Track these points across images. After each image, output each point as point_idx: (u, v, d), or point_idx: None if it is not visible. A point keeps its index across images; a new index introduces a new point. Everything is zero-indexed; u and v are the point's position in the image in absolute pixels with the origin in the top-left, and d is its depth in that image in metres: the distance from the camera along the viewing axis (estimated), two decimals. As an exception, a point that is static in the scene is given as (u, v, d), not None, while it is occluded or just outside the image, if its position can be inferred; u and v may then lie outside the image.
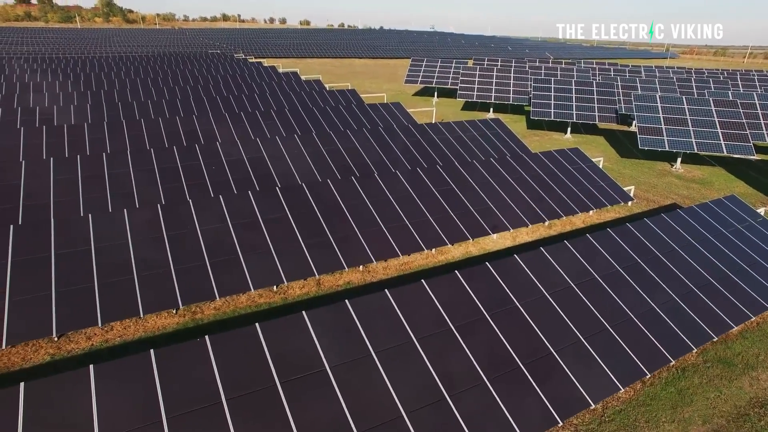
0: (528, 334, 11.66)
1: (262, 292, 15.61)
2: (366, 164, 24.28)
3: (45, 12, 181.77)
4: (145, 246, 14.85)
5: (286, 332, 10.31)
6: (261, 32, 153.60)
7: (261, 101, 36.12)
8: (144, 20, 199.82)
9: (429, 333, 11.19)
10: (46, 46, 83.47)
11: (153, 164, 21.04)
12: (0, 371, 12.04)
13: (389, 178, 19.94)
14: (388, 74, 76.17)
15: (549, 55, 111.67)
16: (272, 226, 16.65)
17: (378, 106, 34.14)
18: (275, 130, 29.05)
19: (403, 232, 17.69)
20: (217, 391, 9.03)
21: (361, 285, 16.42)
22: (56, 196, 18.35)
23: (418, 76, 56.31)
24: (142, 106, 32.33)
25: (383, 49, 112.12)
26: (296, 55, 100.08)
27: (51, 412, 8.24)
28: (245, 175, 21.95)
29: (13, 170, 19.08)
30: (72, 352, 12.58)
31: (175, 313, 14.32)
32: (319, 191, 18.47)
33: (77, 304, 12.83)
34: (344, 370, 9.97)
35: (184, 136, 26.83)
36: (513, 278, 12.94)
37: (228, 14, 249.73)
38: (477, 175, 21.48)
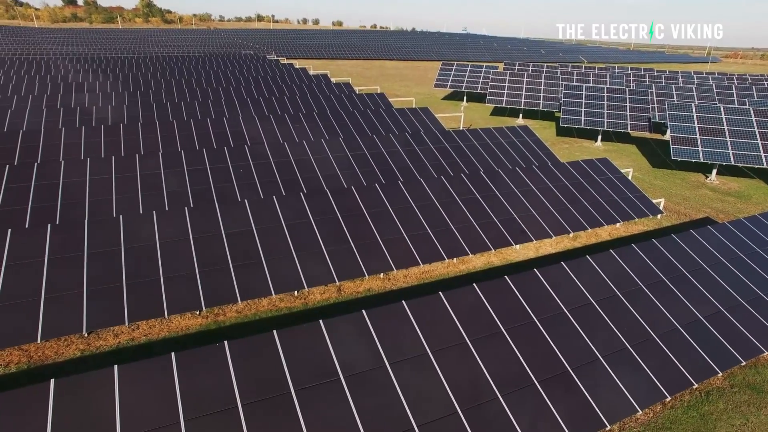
0: (544, 351, 11.56)
1: (283, 296, 15.88)
2: (391, 170, 24.38)
3: (90, 13, 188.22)
4: (171, 248, 15.31)
5: (302, 340, 10.49)
6: (294, 33, 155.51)
7: (290, 104, 36.64)
8: (181, 21, 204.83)
9: (444, 346, 11.21)
10: (90, 47, 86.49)
11: (183, 166, 21.63)
12: (35, 363, 12.64)
13: (413, 186, 20.00)
14: (418, 77, 76.14)
15: (583, 60, 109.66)
16: (295, 231, 16.92)
17: (406, 110, 34.21)
18: (303, 133, 29.44)
19: (425, 241, 17.72)
20: (234, 396, 9.27)
21: (381, 292, 16.53)
22: (91, 195, 19.06)
23: (447, 80, 56.14)
24: (175, 106, 33.23)
25: (414, 51, 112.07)
26: (328, 56, 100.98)
27: (77, 408, 8.61)
28: (271, 178, 22.34)
29: (54, 169, 19.91)
30: (100, 348, 13.09)
31: (199, 315, 14.71)
32: (342, 197, 18.66)
33: (106, 303, 13.34)
34: (359, 380, 10.09)
35: (214, 137, 27.45)
36: (532, 293, 12.84)
37: (262, 15, 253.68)
38: (502, 185, 21.33)
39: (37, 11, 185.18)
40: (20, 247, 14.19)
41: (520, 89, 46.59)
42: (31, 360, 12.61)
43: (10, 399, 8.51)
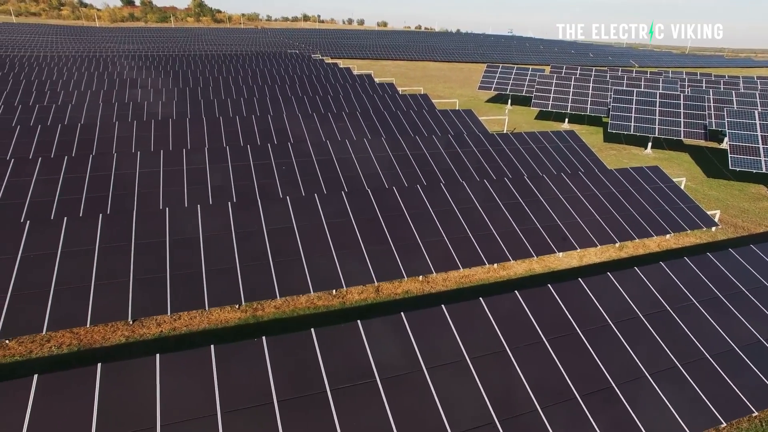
0: (588, 365, 11.14)
1: (321, 294, 15.96)
2: (433, 172, 24.18)
3: (145, 13, 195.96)
4: (214, 241, 15.62)
5: (340, 340, 10.47)
6: (339, 33, 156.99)
7: (334, 103, 36.92)
8: (230, 20, 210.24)
9: (483, 353, 10.96)
10: (144, 45, 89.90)
11: (227, 161, 22.08)
12: (84, 346, 13.16)
13: (455, 189, 19.75)
14: (462, 79, 75.46)
15: (634, 64, 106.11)
16: (335, 230, 16.97)
17: (449, 112, 33.89)
18: (346, 132, 29.60)
19: (466, 245, 17.45)
20: (270, 391, 9.33)
21: (420, 295, 16.38)
22: (140, 188, 19.72)
23: (492, 83, 55.37)
24: (222, 103, 34.04)
25: (458, 52, 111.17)
26: (372, 56, 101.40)
27: (121, 393, 8.87)
28: (313, 176, 22.53)
29: (107, 161, 20.71)
30: (144, 336, 13.49)
31: (238, 309, 14.95)
32: (383, 197, 18.61)
33: (150, 292, 13.73)
34: (394, 383, 9.99)
35: (258, 134, 27.95)
36: (576, 303, 12.41)
37: (308, 15, 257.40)
38: (546, 190, 20.79)
39: (99, 12, 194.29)
40: (74, 234, 14.80)
41: (567, 93, 45.44)
42: (81, 343, 13.13)
43: (61, 379, 8.85)
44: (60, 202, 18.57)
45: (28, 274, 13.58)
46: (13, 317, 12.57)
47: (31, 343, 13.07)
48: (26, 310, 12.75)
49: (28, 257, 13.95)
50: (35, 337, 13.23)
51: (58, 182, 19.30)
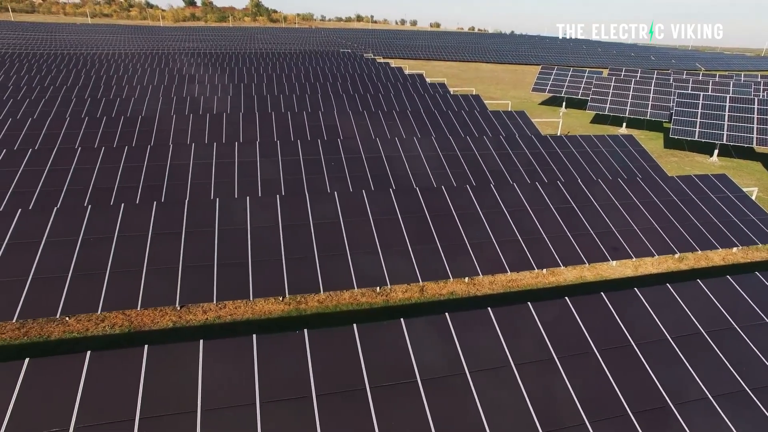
0: (642, 380, 10.49)
1: (365, 291, 15.88)
2: (483, 172, 23.69)
3: (206, 13, 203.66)
4: (261, 233, 15.83)
5: (382, 337, 10.31)
6: (391, 33, 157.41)
7: (385, 101, 36.90)
8: (285, 20, 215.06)
9: (529, 360, 10.53)
10: (204, 43, 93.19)
11: (278, 155, 22.41)
12: (134, 328, 13.64)
13: (505, 190, 19.23)
14: (515, 81, 73.96)
15: (700, 67, 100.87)
16: (382, 227, 16.85)
17: (501, 113, 33.18)
18: (396, 130, 29.49)
19: (514, 248, 16.94)
20: (309, 385, 9.28)
21: (465, 297, 16.04)
22: (193, 178, 20.30)
23: (546, 85, 53.92)
24: (275, 99, 34.69)
25: (512, 54, 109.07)
26: (424, 57, 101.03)
27: (165, 375, 9.04)
28: (362, 173, 22.53)
29: (163, 152, 21.46)
30: (190, 322, 13.83)
31: (282, 301, 15.09)
32: (431, 196, 18.35)
33: (198, 280, 14.04)
34: (435, 385, 9.73)
35: (308, 130, 28.26)
36: (631, 314, 11.74)
37: (362, 15, 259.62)
38: (601, 195, 19.92)
39: (163, 12, 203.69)
40: (130, 220, 15.36)
41: (626, 96, 43.59)
42: (132, 325, 13.60)
43: (111, 357, 9.13)
44: (119, 189, 19.37)
45: (88, 255, 14.19)
46: (72, 296, 13.16)
47: (88, 322, 13.66)
48: (84, 290, 13.32)
49: (88, 240, 14.59)
50: (91, 317, 13.83)
51: (118, 170, 20.16)
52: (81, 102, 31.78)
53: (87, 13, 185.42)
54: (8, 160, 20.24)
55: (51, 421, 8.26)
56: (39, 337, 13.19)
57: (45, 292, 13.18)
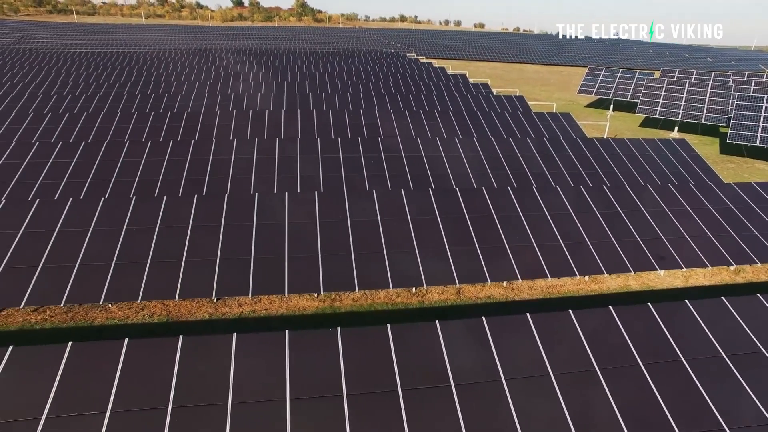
0: (693, 399, 9.87)
1: (400, 291, 15.69)
2: (525, 175, 23.08)
3: (252, 13, 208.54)
4: (298, 229, 15.86)
5: (416, 339, 10.09)
6: (435, 34, 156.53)
7: (426, 101, 36.60)
8: (330, 20, 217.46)
9: (569, 370, 10.09)
10: (250, 42, 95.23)
11: (318, 152, 22.50)
12: (172, 318, 13.91)
13: (548, 193, 18.64)
14: (560, 82, 72.13)
15: (763, 68, 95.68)
16: (420, 227, 16.61)
17: (545, 115, 32.32)
18: (437, 130, 29.16)
19: (556, 253, 16.37)
20: (340, 383, 9.16)
21: (503, 301, 15.61)
22: (234, 173, 20.62)
23: (593, 86, 52.27)
24: (317, 97, 34.95)
25: (558, 55, 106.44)
26: (467, 57, 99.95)
27: (198, 366, 9.12)
28: (401, 172, 22.34)
29: (206, 147, 21.90)
30: (225, 315, 13.99)
31: (317, 297, 15.07)
32: (471, 197, 17.97)
33: (234, 273, 14.18)
34: (469, 390, 9.43)
35: (349, 128, 28.29)
36: (681, 327, 11.09)
37: (406, 15, 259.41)
38: (649, 201, 19.02)
39: (212, 12, 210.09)
40: (172, 212, 15.69)
41: (679, 99, 41.70)
42: (170, 314, 13.88)
43: (147, 346, 9.28)
44: (163, 181, 19.88)
45: (131, 245, 14.58)
46: (115, 284, 13.54)
47: (129, 310, 14.04)
48: (126, 279, 13.68)
49: (132, 230, 14.99)
50: (132, 305, 14.20)
51: (163, 164, 20.69)
52: (132, 98, 32.93)
53: (142, 14, 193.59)
54: (64, 152, 21.12)
55: (90, 404, 8.45)
56: (84, 322, 13.63)
57: (90, 278, 13.61)
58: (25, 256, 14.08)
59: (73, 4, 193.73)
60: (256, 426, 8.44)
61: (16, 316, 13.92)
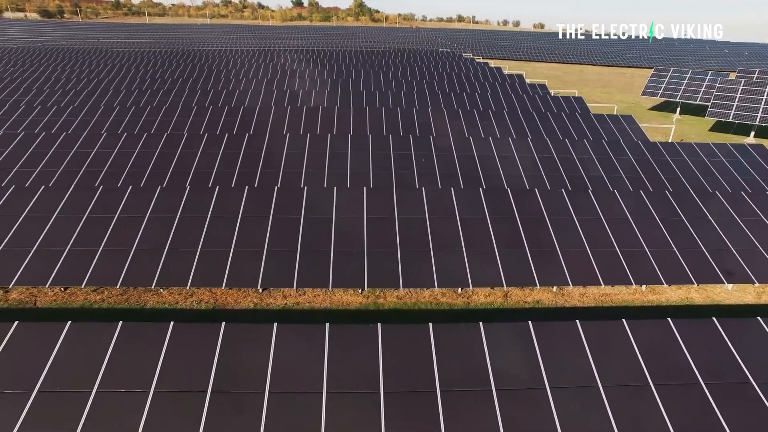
0: (763, 427, 9.03)
1: (445, 291, 15.39)
2: (580, 177, 22.15)
3: (311, 13, 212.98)
4: (345, 223, 15.86)
5: (458, 339, 9.80)
6: (492, 34, 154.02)
7: (481, 100, 35.93)
8: (387, 20, 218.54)
9: (619, 382, 9.50)
10: (308, 41, 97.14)
11: (369, 149, 22.48)
12: (218, 306, 14.24)
13: (605, 197, 17.77)
14: (623, 84, 69.08)
15: None
16: (468, 227, 16.23)
17: (605, 117, 30.95)
18: (490, 130, 28.54)
19: (611, 259, 15.56)
20: (378, 380, 9.01)
21: (552, 307, 15.00)
22: (285, 167, 20.93)
23: (659, 88, 49.67)
24: (371, 95, 35.03)
25: (621, 56, 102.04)
26: (525, 58, 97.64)
27: (237, 353, 9.23)
28: (452, 171, 21.97)
29: (259, 141, 22.36)
30: (270, 305, 14.16)
31: (361, 293, 15.00)
32: (523, 198, 17.40)
33: (280, 265, 14.34)
34: (511, 396, 9.05)
35: (401, 126, 28.15)
36: (751, 347, 10.21)
37: (463, 15, 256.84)
38: (718, 209, 17.74)
39: (273, 12, 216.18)
40: (223, 203, 16.08)
41: (758, 101, 38.88)
42: (217, 302, 14.21)
43: (191, 330, 9.49)
44: (217, 173, 20.44)
45: (183, 233, 15.05)
46: (166, 270, 14.00)
47: (178, 295, 14.49)
48: (177, 265, 14.12)
49: (185, 218, 15.47)
50: (181, 290, 14.65)
51: (218, 156, 21.29)
52: (193, 93, 34.19)
53: (207, 15, 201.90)
54: (128, 143, 22.14)
55: (135, 382, 8.71)
56: (137, 305, 14.19)
57: (144, 263, 14.14)
58: (88, 239, 14.81)
59: (146, 7, 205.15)
60: (291, 417, 8.43)
61: (78, 294, 14.67)
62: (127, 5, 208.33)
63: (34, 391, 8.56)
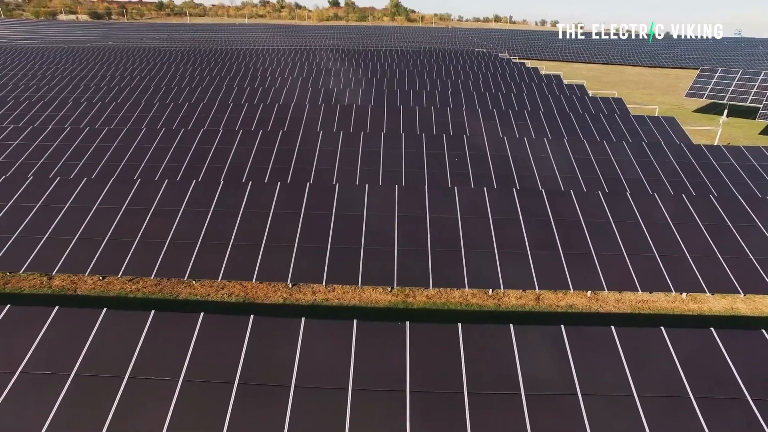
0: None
1: (475, 292, 15.13)
2: (618, 180, 21.46)
3: (347, 13, 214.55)
4: (376, 221, 15.79)
5: (487, 341, 9.58)
6: (530, 34, 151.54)
7: (516, 101, 35.34)
8: (423, 19, 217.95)
9: (657, 393, 9.10)
10: (343, 40, 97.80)
11: (401, 147, 22.36)
12: (248, 299, 14.38)
13: (644, 200, 17.15)
14: (665, 85, 66.79)
15: None
16: (501, 228, 15.93)
17: (646, 118, 29.96)
18: (525, 130, 28.00)
19: (649, 265, 14.98)
20: (404, 379, 8.89)
21: (586, 312, 14.55)
22: (318, 163, 21.04)
23: (704, 89, 47.77)
24: (404, 94, 34.91)
25: (664, 56, 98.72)
26: (562, 58, 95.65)
27: (265, 346, 9.25)
28: (485, 171, 21.64)
29: (293, 137, 22.55)
30: (299, 300, 14.22)
31: (390, 291, 14.90)
32: (558, 200, 16.96)
33: (310, 261, 14.38)
34: (541, 401, 8.77)
35: (435, 125, 27.93)
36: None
37: (500, 15, 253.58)
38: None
39: (310, 12, 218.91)
40: (256, 197, 16.26)
41: (811, 106, 36.89)
42: (247, 296, 14.36)
43: (220, 322, 9.59)
44: (251, 169, 20.71)
45: (215, 226, 15.28)
46: (199, 262, 14.24)
47: (210, 288, 14.71)
48: (209, 258, 14.34)
49: (217, 212, 15.71)
50: (213, 283, 14.87)
51: (251, 152, 21.57)
52: (229, 90, 34.84)
53: (245, 15, 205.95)
54: (166, 138, 22.69)
55: (165, 370, 8.85)
56: (170, 295, 14.49)
57: (177, 255, 14.43)
58: (125, 230, 15.22)
59: (187, 7, 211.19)
60: (316, 411, 8.40)
61: (115, 283, 15.09)
62: (170, 6, 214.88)
63: (71, 374, 8.80)
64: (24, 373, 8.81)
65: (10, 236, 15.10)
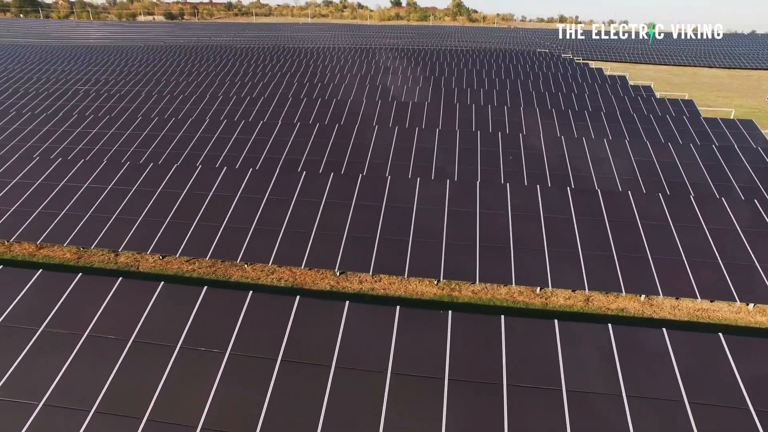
0: None
1: (523, 290, 14.87)
2: (682, 184, 20.41)
3: (409, 12, 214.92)
4: (426, 215, 15.83)
5: (530, 335, 9.44)
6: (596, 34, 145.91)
7: (577, 101, 34.27)
8: (485, 20, 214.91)
9: (710, 402, 8.64)
10: (404, 40, 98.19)
11: (455, 144, 22.26)
12: (296, 284, 14.79)
13: (709, 204, 16.25)
14: (744, 88, 62.55)
15: None
16: (552, 227, 15.57)
17: (718, 121, 28.28)
18: (584, 131, 27.13)
19: (710, 272, 14.18)
20: (443, 367, 8.90)
21: (638, 317, 13.96)
22: (372, 157, 21.31)
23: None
24: (461, 92, 34.69)
25: (746, 57, 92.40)
26: (629, 60, 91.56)
27: (309, 327, 9.54)
28: (540, 170, 21.18)
29: (349, 131, 22.95)
30: (345, 288, 14.48)
31: (436, 284, 14.91)
32: (614, 201, 16.37)
33: (359, 250, 14.63)
34: (582, 400, 8.54)
35: (491, 124, 27.58)
36: None
37: (565, 16, 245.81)
38: None
39: (371, 12, 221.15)
40: (309, 186, 16.70)
41: None
42: (295, 281, 14.78)
43: (268, 301, 9.98)
44: (306, 161, 21.28)
45: (269, 213, 15.84)
46: (251, 247, 14.83)
47: (261, 272, 15.25)
48: (261, 243, 14.90)
49: (272, 199, 16.27)
50: (264, 267, 15.41)
51: (308, 144, 22.15)
52: (290, 86, 35.86)
53: (308, 14, 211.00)
54: (227, 129, 23.70)
55: (214, 342, 9.32)
56: (223, 277, 15.14)
57: (231, 239, 15.08)
58: (185, 213, 16.06)
59: (254, 8, 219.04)
60: (355, 392, 8.58)
61: (173, 263, 15.94)
62: (238, 6, 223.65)
63: (130, 340, 9.43)
64: (90, 336, 9.53)
65: (84, 214, 16.30)
